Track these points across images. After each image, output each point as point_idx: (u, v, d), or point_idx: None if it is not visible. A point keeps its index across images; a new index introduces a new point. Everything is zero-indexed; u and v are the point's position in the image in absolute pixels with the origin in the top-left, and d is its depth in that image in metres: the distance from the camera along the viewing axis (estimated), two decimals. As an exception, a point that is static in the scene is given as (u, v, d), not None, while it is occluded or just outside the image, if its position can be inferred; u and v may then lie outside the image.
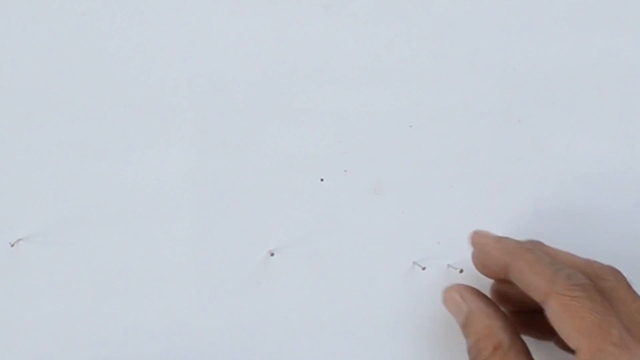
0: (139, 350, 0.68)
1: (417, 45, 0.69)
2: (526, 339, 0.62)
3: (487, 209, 0.69)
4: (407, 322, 0.69)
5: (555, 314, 0.57)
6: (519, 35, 0.69)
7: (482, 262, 0.62)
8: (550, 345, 0.66)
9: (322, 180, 0.69)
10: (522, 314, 0.65)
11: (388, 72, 0.69)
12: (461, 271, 0.68)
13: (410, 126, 0.69)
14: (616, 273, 0.61)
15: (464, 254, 0.69)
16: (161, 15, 0.69)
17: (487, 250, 0.62)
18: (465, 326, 0.62)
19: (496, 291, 0.66)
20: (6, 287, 0.68)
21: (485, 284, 0.68)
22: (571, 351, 0.61)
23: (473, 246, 0.64)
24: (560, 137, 0.70)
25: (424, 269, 0.68)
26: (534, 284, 0.58)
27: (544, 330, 0.63)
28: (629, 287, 0.60)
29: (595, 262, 0.62)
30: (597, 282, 0.59)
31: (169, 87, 0.68)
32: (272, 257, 0.68)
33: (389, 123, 0.69)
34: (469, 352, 0.61)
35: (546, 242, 0.68)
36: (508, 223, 0.69)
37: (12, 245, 0.68)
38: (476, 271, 0.67)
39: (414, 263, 0.69)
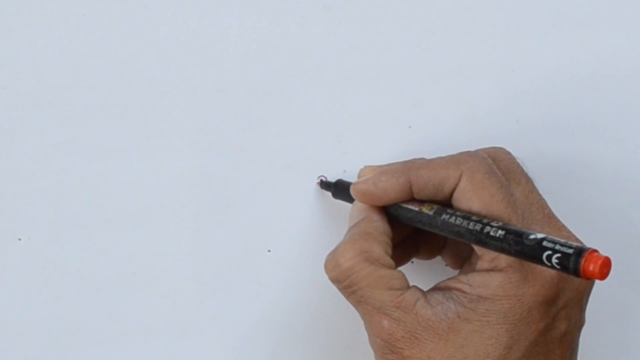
0: (139, 350, 0.68)
1: (417, 45, 0.69)
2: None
3: (486, 209, 0.69)
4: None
5: (465, 191, 0.59)
6: (518, 35, 0.70)
7: (380, 195, 0.62)
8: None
9: (321, 180, 0.69)
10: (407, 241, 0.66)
11: (388, 72, 0.69)
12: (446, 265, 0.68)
13: (410, 127, 0.70)
14: (508, 153, 0.63)
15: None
16: (161, 16, 0.69)
17: (382, 184, 0.61)
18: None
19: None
20: (6, 287, 0.68)
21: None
22: (458, 266, 0.65)
23: (364, 189, 0.63)
24: (559, 137, 0.70)
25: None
26: (443, 175, 0.60)
27: (431, 249, 0.66)
28: (520, 166, 0.62)
29: (485, 148, 0.63)
30: (496, 163, 0.61)
31: (169, 87, 0.68)
32: (272, 257, 0.68)
33: (388, 123, 0.69)
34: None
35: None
36: (507, 223, 0.69)
37: (14, 244, 0.68)
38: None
39: (412, 262, 0.69)
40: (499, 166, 0.61)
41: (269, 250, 0.69)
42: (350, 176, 0.69)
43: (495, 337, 0.57)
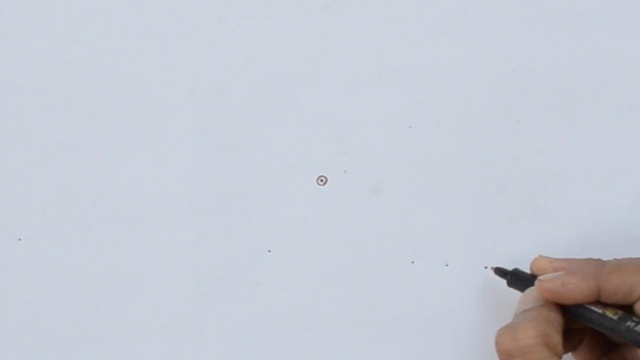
0: (139, 350, 0.68)
1: (417, 45, 0.69)
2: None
3: (486, 209, 0.69)
4: (407, 321, 0.69)
5: None
6: (518, 36, 0.70)
7: (567, 296, 0.61)
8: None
9: (322, 180, 0.69)
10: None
11: (388, 72, 0.69)
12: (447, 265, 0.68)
13: (410, 127, 0.70)
14: None
15: (463, 254, 0.69)
16: (161, 16, 0.69)
17: (571, 287, 0.61)
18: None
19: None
20: (6, 287, 0.68)
21: (482, 283, 0.68)
22: None
23: (551, 288, 0.62)
24: (559, 137, 0.70)
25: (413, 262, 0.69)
26: (634, 282, 0.59)
27: (570, 344, 0.65)
28: None
29: None
30: None
31: (169, 87, 0.69)
32: (272, 257, 0.68)
33: (388, 123, 0.69)
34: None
35: (545, 242, 0.68)
36: (507, 223, 0.69)
37: (14, 244, 0.68)
38: (464, 267, 0.67)
39: (412, 262, 0.69)
40: None
41: (269, 250, 0.69)
42: (351, 175, 0.69)
43: None
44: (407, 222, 0.69)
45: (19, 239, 0.68)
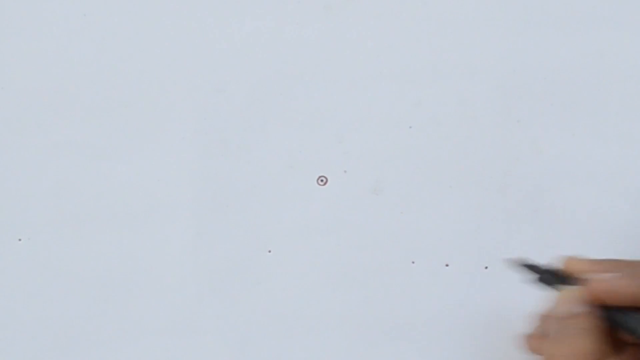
0: (139, 350, 0.68)
1: (417, 45, 0.69)
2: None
3: (486, 209, 0.69)
4: (407, 321, 0.69)
5: None
6: (518, 36, 0.70)
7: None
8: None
9: (322, 180, 0.69)
10: None
11: (388, 72, 0.69)
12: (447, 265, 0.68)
13: (410, 127, 0.70)
14: None
15: (463, 254, 0.69)
16: (161, 16, 0.69)
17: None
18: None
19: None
20: (6, 287, 0.68)
21: (480, 281, 0.68)
22: None
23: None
24: (559, 137, 0.70)
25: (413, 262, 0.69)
26: None
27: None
28: None
29: None
30: None
31: (169, 87, 0.69)
32: (272, 258, 0.69)
33: (388, 123, 0.69)
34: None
35: (545, 242, 0.68)
36: (507, 223, 0.69)
37: (14, 244, 0.68)
38: (464, 267, 0.67)
39: (413, 262, 0.69)
40: None
41: (269, 250, 0.69)
42: (351, 175, 0.69)
43: None
44: (407, 222, 0.69)
45: (19, 239, 0.68)
